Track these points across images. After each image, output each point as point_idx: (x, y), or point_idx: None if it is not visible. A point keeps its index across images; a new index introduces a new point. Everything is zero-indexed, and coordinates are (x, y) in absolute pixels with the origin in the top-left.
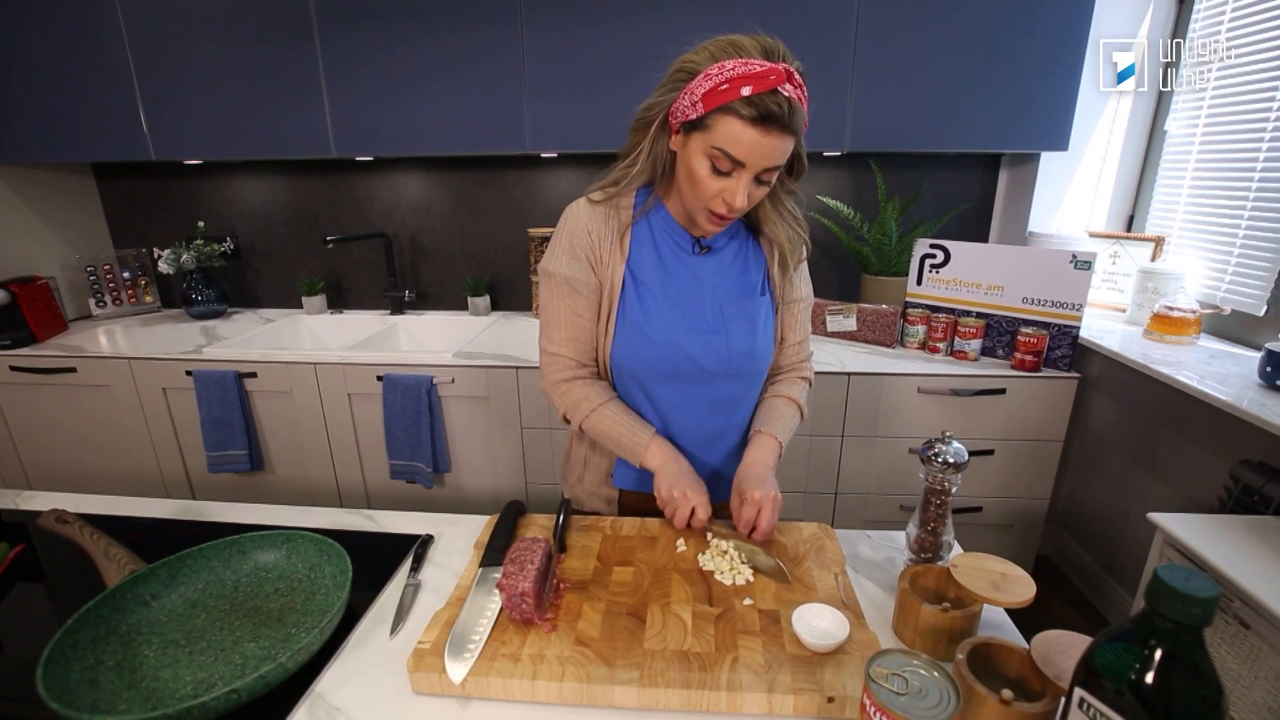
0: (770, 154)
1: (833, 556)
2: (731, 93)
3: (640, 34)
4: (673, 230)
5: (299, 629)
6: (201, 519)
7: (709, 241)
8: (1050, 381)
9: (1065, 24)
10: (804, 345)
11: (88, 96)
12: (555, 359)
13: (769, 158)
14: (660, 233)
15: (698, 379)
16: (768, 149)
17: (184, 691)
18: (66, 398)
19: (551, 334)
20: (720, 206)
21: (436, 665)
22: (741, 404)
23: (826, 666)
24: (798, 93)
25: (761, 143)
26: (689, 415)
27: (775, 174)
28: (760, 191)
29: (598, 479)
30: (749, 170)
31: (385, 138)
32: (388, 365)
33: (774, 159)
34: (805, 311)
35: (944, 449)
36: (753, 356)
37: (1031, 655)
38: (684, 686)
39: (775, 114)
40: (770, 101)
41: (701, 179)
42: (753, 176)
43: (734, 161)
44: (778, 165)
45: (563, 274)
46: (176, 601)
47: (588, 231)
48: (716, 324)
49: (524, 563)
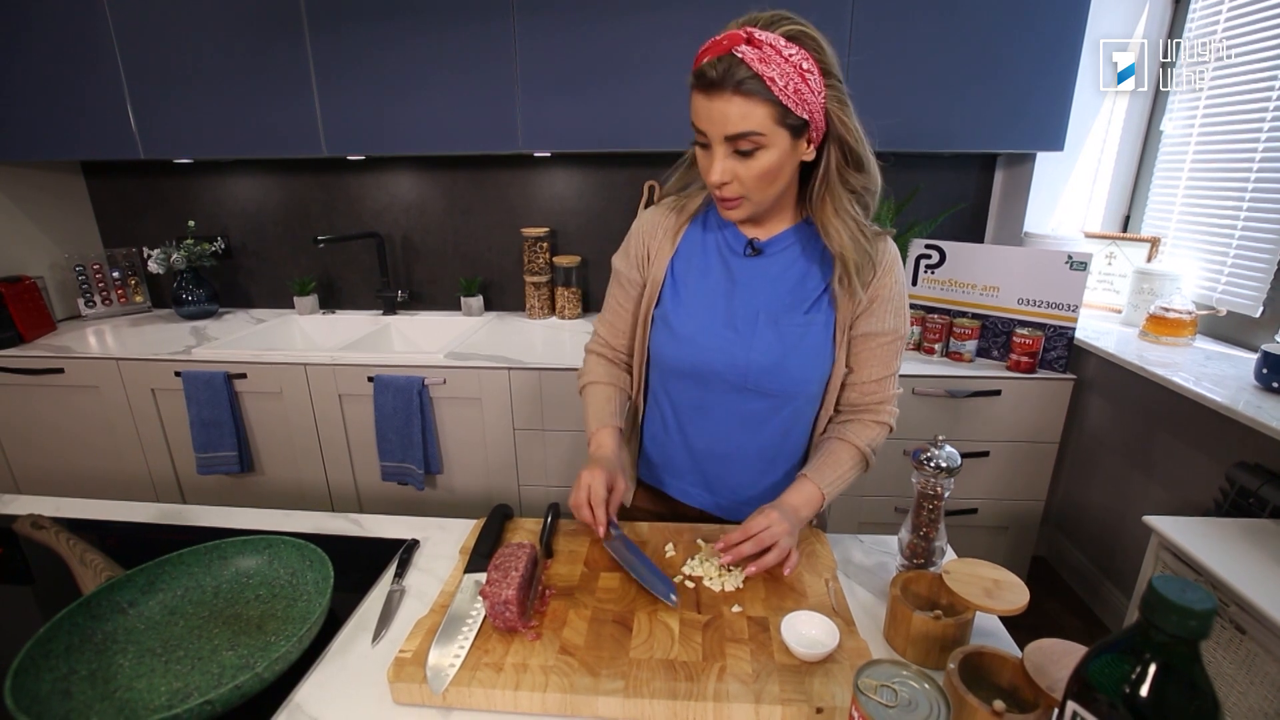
0: (721, 118)
1: (824, 562)
2: (693, 68)
3: (634, 33)
4: (727, 229)
5: (278, 637)
6: (183, 523)
7: (762, 245)
8: (1046, 383)
9: (1061, 24)
10: (884, 385)
11: (76, 95)
12: (594, 336)
13: (721, 122)
14: (714, 231)
15: (714, 385)
16: (716, 112)
17: (158, 702)
18: (54, 399)
19: (602, 317)
20: (710, 187)
21: (418, 675)
22: (768, 424)
23: (816, 676)
24: (756, 53)
25: (709, 107)
26: (706, 422)
27: (752, 144)
28: (747, 168)
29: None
30: (713, 140)
31: (377, 137)
32: (379, 366)
33: (727, 123)
34: (889, 347)
35: (936, 453)
36: (777, 375)
37: (1024, 665)
38: (670, 697)
39: (708, 76)
40: (707, 67)
41: (698, 159)
42: (726, 149)
43: (700, 133)
44: (740, 132)
45: (616, 267)
46: (154, 609)
47: (643, 232)
48: (743, 331)
49: (508, 569)
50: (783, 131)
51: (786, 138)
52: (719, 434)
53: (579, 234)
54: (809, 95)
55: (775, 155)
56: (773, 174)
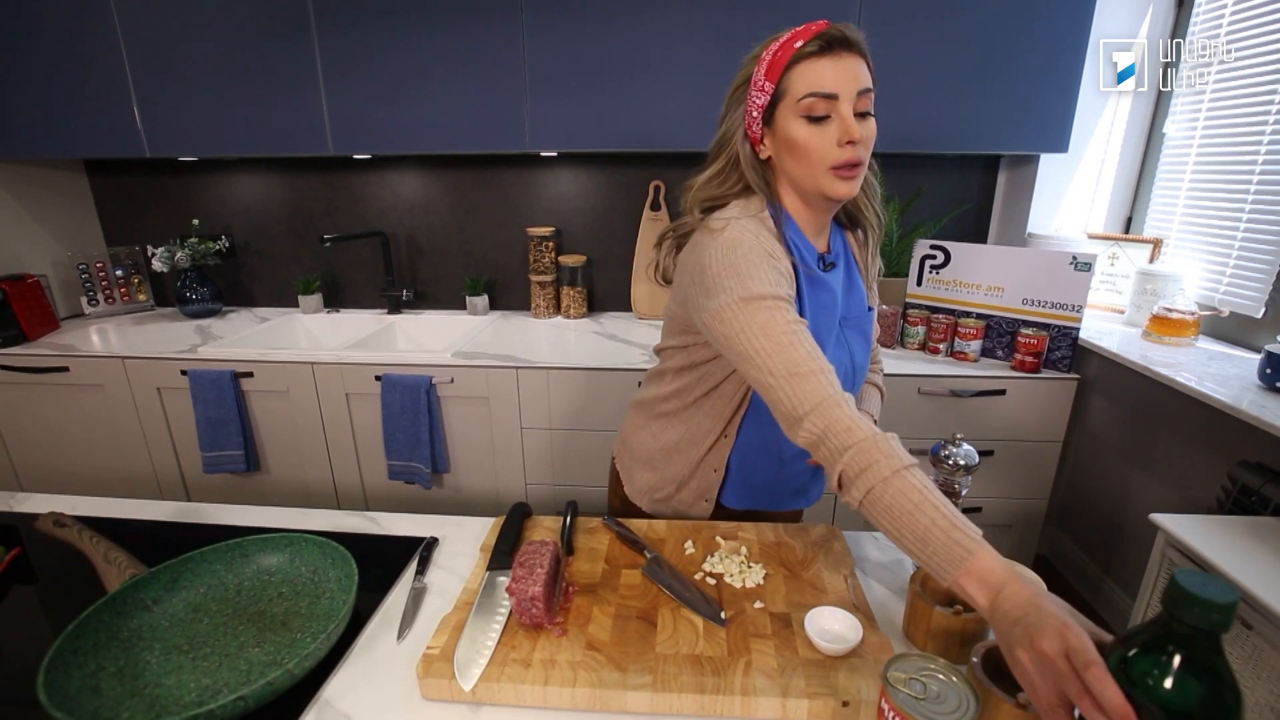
0: (853, 75)
1: (841, 558)
2: (789, 49)
3: (643, 32)
4: (803, 244)
5: (304, 634)
6: (200, 521)
7: (831, 258)
8: (1050, 382)
9: (1066, 26)
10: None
11: (81, 92)
12: (820, 375)
13: (854, 79)
14: (795, 247)
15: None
16: (848, 71)
17: (188, 698)
18: (59, 397)
19: (799, 346)
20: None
21: (446, 671)
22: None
23: (840, 670)
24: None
25: (840, 66)
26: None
27: (868, 104)
28: (867, 129)
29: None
30: (844, 100)
31: (384, 136)
32: (386, 365)
33: (860, 80)
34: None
35: (955, 451)
36: (864, 371)
37: None
38: (698, 691)
39: (837, 37)
40: (833, 30)
41: (806, 140)
42: (850, 109)
43: (826, 97)
44: (867, 88)
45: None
46: (178, 606)
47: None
48: (840, 341)
49: (533, 566)
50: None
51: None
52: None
53: (584, 233)
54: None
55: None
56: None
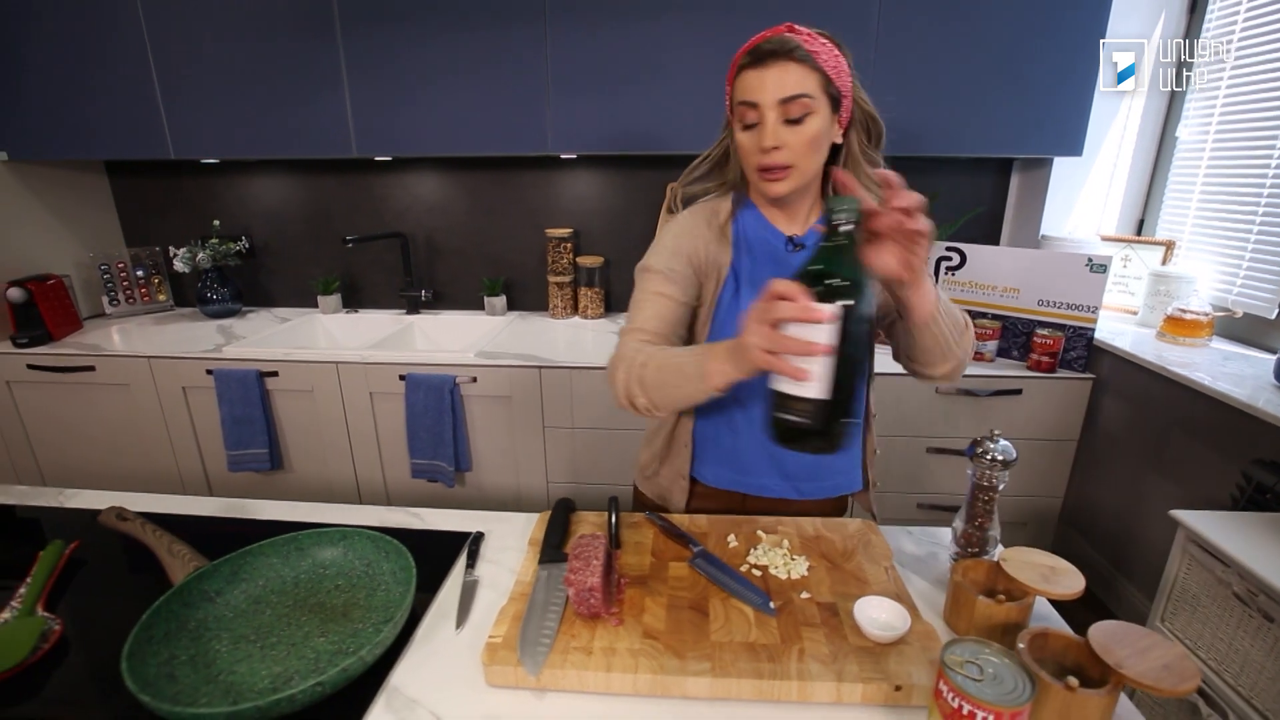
0: (776, 84)
1: (880, 551)
2: (736, 60)
3: (664, 36)
4: (764, 228)
5: (365, 624)
6: (246, 516)
7: (802, 239)
8: (1066, 382)
9: (1080, 30)
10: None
11: (107, 95)
12: (634, 333)
13: (776, 88)
14: (754, 231)
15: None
16: (771, 80)
17: (262, 685)
18: (84, 396)
19: (634, 316)
20: (762, 157)
21: (510, 659)
22: None
23: (890, 657)
24: (800, 37)
25: (763, 76)
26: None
27: (803, 108)
28: (797, 134)
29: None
30: (766, 108)
31: (407, 138)
32: (410, 364)
33: (782, 87)
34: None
35: (992, 446)
36: None
37: (1090, 644)
38: (755, 677)
39: (765, 49)
40: (763, 43)
41: (741, 145)
42: (777, 117)
43: (751, 105)
44: (793, 95)
45: (660, 265)
46: (239, 598)
47: (688, 232)
48: None
49: (589, 558)
50: (825, 101)
51: (827, 108)
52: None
53: (602, 235)
54: (843, 73)
55: (819, 123)
56: (816, 143)
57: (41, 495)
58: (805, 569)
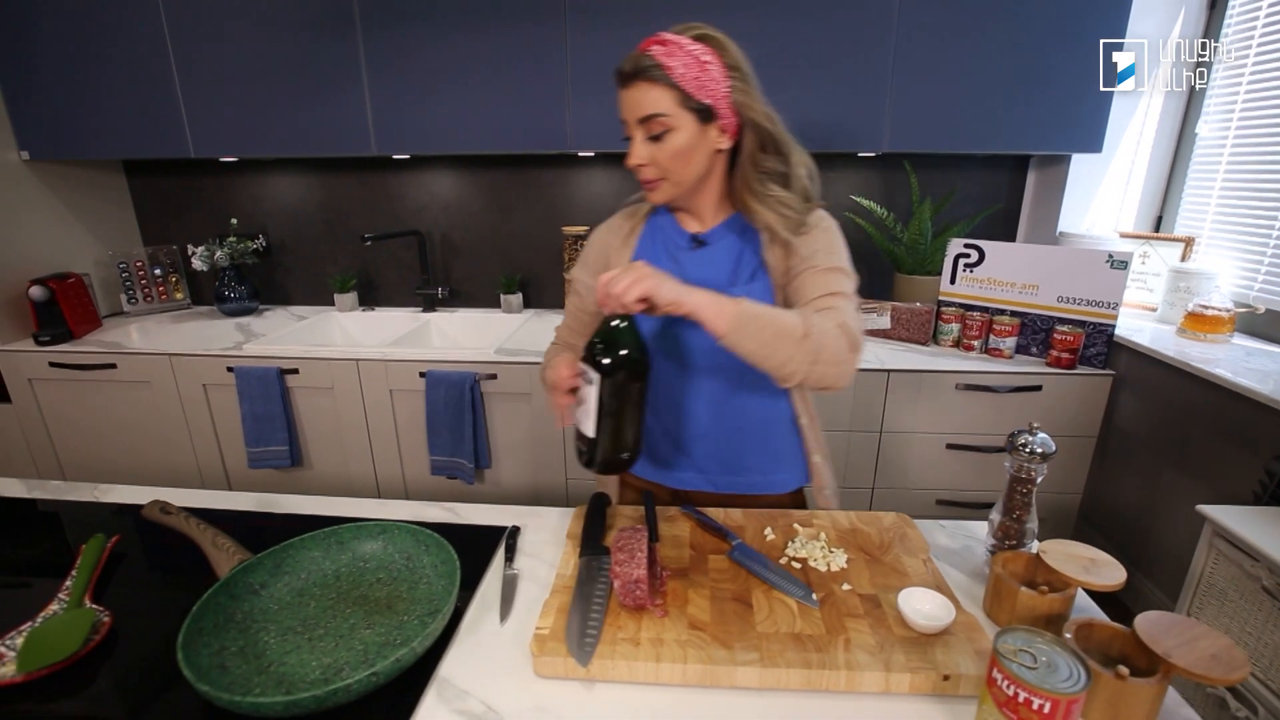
0: (633, 104)
1: (917, 543)
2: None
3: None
4: (671, 229)
5: (410, 616)
6: (281, 511)
7: (704, 236)
8: (1086, 379)
9: (1101, 28)
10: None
11: (128, 94)
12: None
13: (633, 108)
14: (661, 233)
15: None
16: (630, 101)
17: (313, 676)
18: (104, 393)
19: (563, 321)
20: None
21: (559, 650)
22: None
23: (935, 647)
24: (663, 49)
25: (625, 97)
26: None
27: (661, 126)
28: (660, 150)
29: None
30: (630, 126)
31: (426, 136)
32: (430, 362)
33: (639, 108)
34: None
35: (1031, 439)
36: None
37: (1136, 634)
38: (804, 667)
39: (623, 71)
40: (622, 64)
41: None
42: (642, 135)
43: (622, 122)
44: (648, 114)
45: (576, 278)
46: (283, 591)
47: (600, 243)
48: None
49: (632, 551)
50: (687, 115)
51: (693, 121)
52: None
53: None
54: (709, 83)
55: (684, 137)
56: (685, 155)
57: (77, 490)
58: (844, 561)
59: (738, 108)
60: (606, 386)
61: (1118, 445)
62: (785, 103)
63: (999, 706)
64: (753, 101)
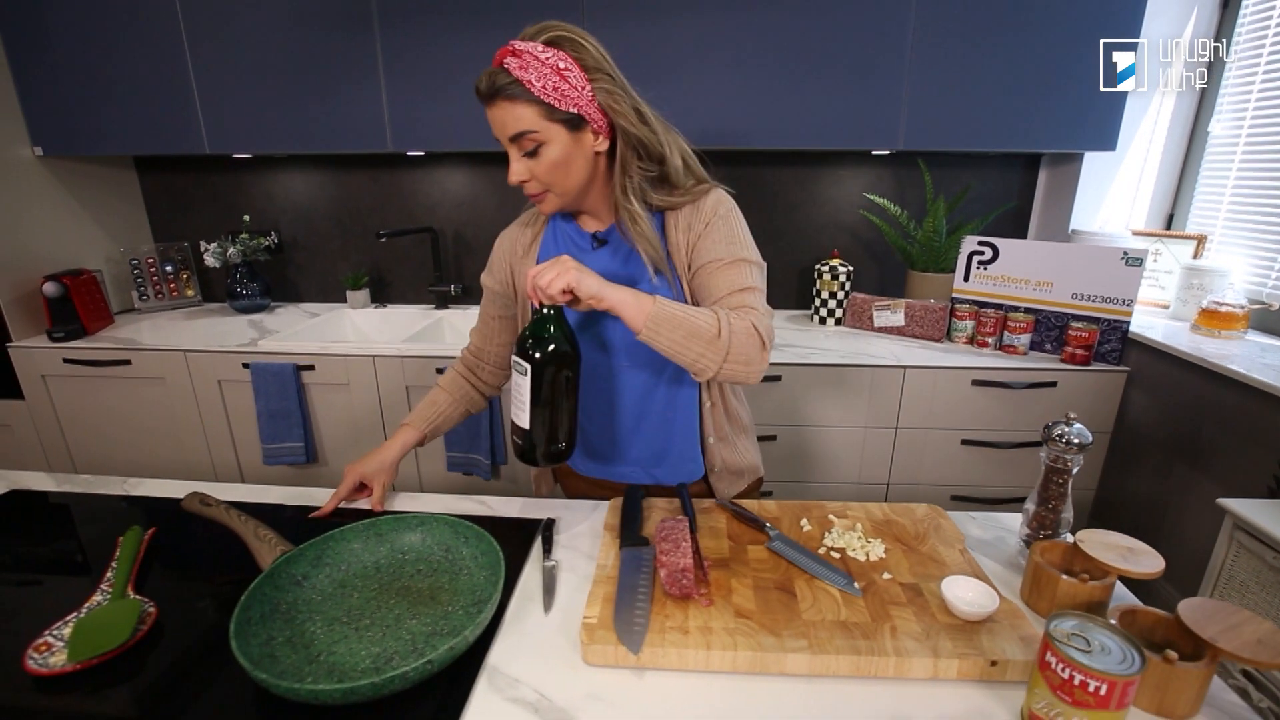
0: (499, 124)
1: (952, 534)
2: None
3: (702, 32)
4: (571, 230)
5: (454, 606)
6: (312, 504)
7: (604, 235)
8: (1100, 375)
9: (1115, 27)
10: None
11: (143, 90)
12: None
13: (500, 127)
14: (562, 234)
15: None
16: (495, 120)
17: (364, 665)
18: (118, 389)
19: (475, 326)
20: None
21: (609, 638)
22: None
23: (980, 634)
24: (517, 61)
25: (491, 117)
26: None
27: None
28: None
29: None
30: (505, 143)
31: (441, 132)
32: (447, 358)
33: (505, 127)
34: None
35: (1067, 430)
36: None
37: (1181, 620)
38: (853, 653)
39: (480, 90)
40: (478, 82)
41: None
42: (517, 152)
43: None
44: (517, 133)
45: (485, 284)
46: (324, 582)
47: (503, 250)
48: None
49: (677, 540)
50: (556, 126)
51: (563, 131)
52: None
53: None
54: (570, 91)
55: (558, 149)
56: (563, 166)
57: (107, 484)
58: (882, 551)
59: (605, 110)
60: (538, 377)
61: (1131, 441)
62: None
63: (1053, 690)
64: (618, 103)
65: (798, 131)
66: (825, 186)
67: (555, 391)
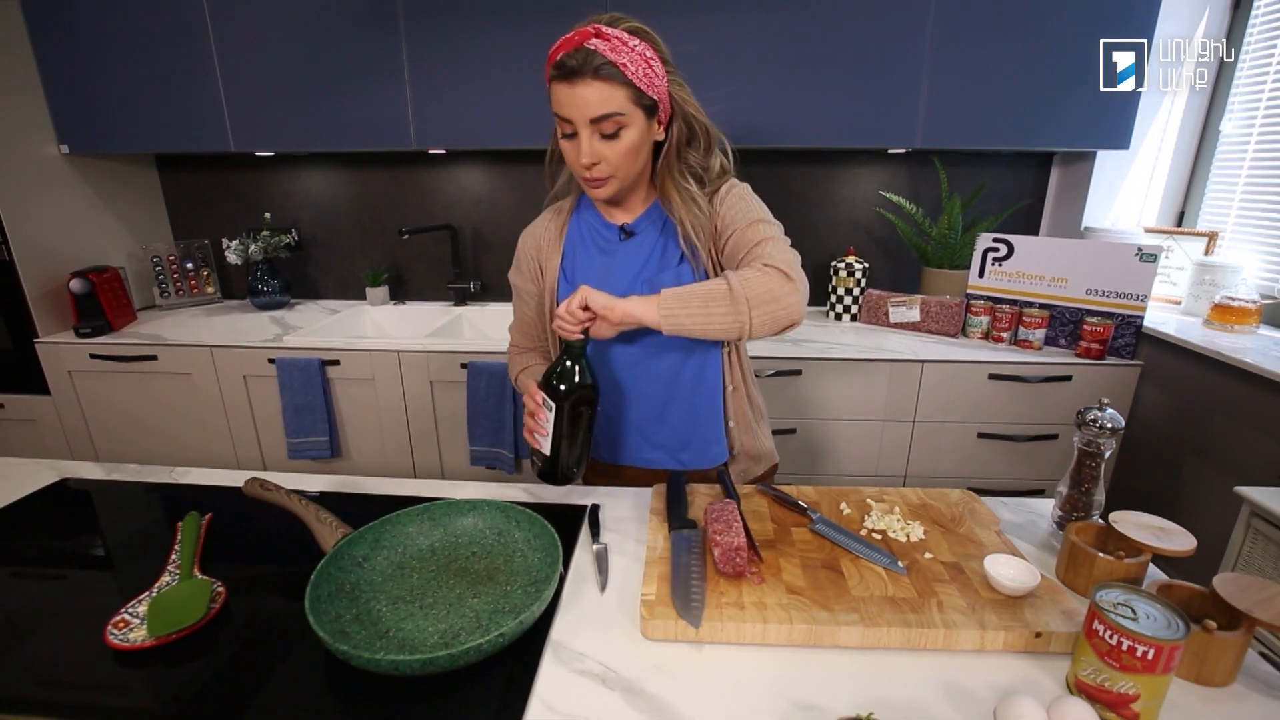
0: (584, 103)
1: (986, 517)
2: (549, 64)
3: (721, 31)
4: (597, 221)
5: (513, 586)
6: (359, 491)
7: (632, 226)
8: (1114, 369)
9: (1130, 27)
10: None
11: (169, 88)
12: (510, 342)
13: (585, 106)
14: (588, 227)
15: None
16: (579, 99)
17: (433, 641)
18: (145, 385)
19: (512, 324)
20: (580, 169)
21: (668, 613)
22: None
23: (1024, 608)
24: (607, 44)
25: (572, 94)
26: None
27: (616, 124)
28: (612, 148)
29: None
30: (579, 124)
31: (465, 130)
32: (472, 353)
33: (591, 107)
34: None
35: (1100, 415)
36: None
37: (1216, 593)
38: (903, 626)
39: (569, 65)
40: (565, 58)
41: (564, 151)
42: (592, 132)
43: (565, 120)
44: (604, 114)
45: (514, 283)
46: (383, 564)
47: (530, 247)
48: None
49: (729, 521)
50: (639, 111)
51: (643, 117)
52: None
53: None
54: (655, 79)
55: (635, 134)
56: (635, 151)
57: (154, 473)
58: (922, 532)
59: (675, 101)
60: (561, 412)
61: (1145, 433)
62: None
63: (1100, 656)
64: (687, 95)
65: (818, 130)
66: (841, 184)
67: (576, 425)
